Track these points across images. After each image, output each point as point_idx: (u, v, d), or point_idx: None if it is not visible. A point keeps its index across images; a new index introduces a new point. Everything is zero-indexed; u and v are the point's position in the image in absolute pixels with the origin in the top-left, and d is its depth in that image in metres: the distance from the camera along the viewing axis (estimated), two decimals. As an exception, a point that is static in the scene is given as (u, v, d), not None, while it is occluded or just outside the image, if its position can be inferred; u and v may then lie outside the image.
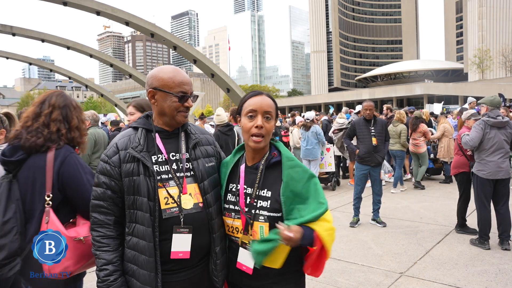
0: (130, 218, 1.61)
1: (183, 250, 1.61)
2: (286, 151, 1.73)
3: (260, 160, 1.71)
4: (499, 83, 48.61)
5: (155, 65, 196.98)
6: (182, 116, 1.69)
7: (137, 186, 1.58)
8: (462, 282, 3.87)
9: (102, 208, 1.63)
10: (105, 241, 1.61)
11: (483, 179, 4.82)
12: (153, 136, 1.68)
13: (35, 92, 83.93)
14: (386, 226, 5.87)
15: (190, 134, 1.76)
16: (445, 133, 8.81)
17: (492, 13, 75.69)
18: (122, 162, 1.61)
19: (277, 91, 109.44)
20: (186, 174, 1.67)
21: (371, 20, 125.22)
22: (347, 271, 4.25)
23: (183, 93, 1.67)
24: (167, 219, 1.59)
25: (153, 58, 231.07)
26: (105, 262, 1.59)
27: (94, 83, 57.51)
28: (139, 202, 1.58)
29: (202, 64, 36.61)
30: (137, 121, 1.74)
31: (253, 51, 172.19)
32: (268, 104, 1.67)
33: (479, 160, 4.88)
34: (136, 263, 1.59)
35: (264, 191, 1.66)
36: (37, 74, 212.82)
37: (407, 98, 62.35)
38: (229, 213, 1.71)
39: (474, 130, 4.88)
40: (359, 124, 6.01)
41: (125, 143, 1.65)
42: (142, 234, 1.57)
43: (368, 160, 5.87)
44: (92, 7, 30.57)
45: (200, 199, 1.67)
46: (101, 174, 1.64)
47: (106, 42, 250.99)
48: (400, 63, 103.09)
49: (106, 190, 1.62)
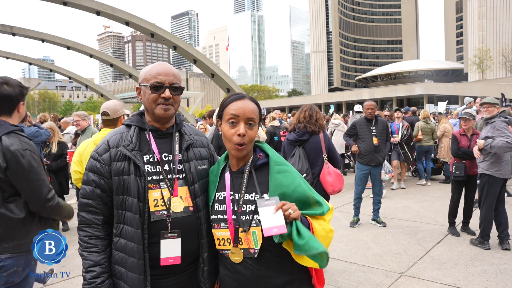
0: (118, 218, 1.56)
1: (173, 256, 1.55)
2: (274, 154, 1.60)
3: (245, 164, 1.60)
4: (499, 83, 48.59)
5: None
6: (161, 109, 1.58)
7: (127, 185, 1.53)
8: (462, 282, 3.87)
9: (91, 207, 1.56)
10: (93, 241, 1.55)
11: (498, 179, 4.73)
12: (146, 135, 1.62)
13: (35, 92, 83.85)
14: (386, 226, 5.87)
15: (184, 135, 1.70)
16: (445, 133, 8.82)
17: (492, 13, 75.68)
18: (113, 160, 1.56)
19: (277, 91, 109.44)
20: (177, 176, 1.61)
21: (371, 20, 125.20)
22: (347, 271, 4.25)
23: (158, 83, 1.58)
24: (155, 222, 1.54)
25: (153, 58, 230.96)
26: (92, 263, 1.53)
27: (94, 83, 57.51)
28: (128, 203, 1.53)
29: (202, 64, 36.62)
30: (131, 118, 1.70)
31: (253, 51, 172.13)
32: (251, 109, 1.55)
33: (494, 160, 4.69)
34: (124, 266, 1.53)
35: (252, 195, 1.53)
36: (37, 74, 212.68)
37: (407, 98, 62.35)
38: (218, 224, 1.57)
39: (506, 129, 4.63)
40: (360, 124, 5.99)
41: (117, 141, 1.59)
42: (131, 236, 1.52)
43: (368, 160, 5.86)
44: (92, 7, 30.58)
45: (191, 202, 1.61)
46: (91, 171, 1.58)
47: (106, 42, 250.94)
48: (400, 63, 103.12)
49: (95, 188, 1.56)
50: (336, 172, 4.09)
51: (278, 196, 1.43)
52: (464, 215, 5.47)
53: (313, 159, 4.09)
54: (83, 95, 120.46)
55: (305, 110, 4.25)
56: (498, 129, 4.63)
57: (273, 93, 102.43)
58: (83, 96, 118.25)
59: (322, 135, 4.18)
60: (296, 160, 4.06)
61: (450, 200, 5.53)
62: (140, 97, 1.66)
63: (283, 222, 1.34)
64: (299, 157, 4.07)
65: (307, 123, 4.15)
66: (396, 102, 60.62)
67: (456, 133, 5.42)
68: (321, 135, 4.16)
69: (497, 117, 4.77)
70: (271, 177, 1.52)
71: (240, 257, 1.51)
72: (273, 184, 1.50)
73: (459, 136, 5.36)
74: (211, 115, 7.75)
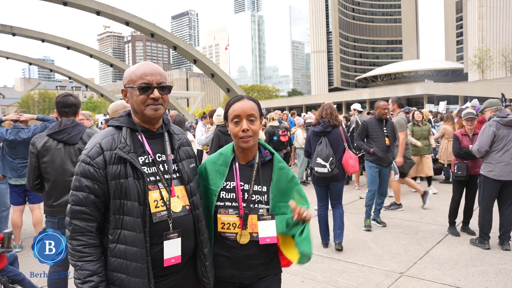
0: (116, 224, 1.50)
1: (174, 256, 1.56)
2: (276, 153, 1.89)
3: (253, 158, 1.82)
4: (499, 83, 48.61)
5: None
6: (151, 109, 1.56)
7: (124, 189, 1.49)
8: (462, 282, 3.87)
9: (84, 214, 1.50)
10: (88, 250, 1.49)
11: (492, 180, 4.72)
12: (139, 136, 1.60)
13: (35, 92, 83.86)
14: (386, 226, 5.87)
15: (174, 135, 1.70)
16: (445, 134, 8.77)
17: (492, 13, 75.70)
18: (108, 164, 1.50)
19: (277, 91, 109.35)
20: (173, 176, 1.61)
21: (371, 20, 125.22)
22: (347, 271, 4.25)
23: (146, 84, 1.54)
24: (157, 223, 1.53)
25: (153, 58, 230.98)
26: (89, 273, 1.47)
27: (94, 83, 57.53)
28: (127, 207, 1.48)
29: (202, 64, 36.64)
30: (119, 119, 1.63)
31: (253, 51, 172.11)
32: (250, 107, 1.76)
33: (489, 161, 4.74)
34: (125, 272, 1.49)
35: (260, 187, 1.77)
36: (37, 74, 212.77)
37: (407, 98, 62.29)
38: (225, 210, 1.74)
39: (481, 134, 4.76)
40: (372, 124, 5.81)
41: (110, 143, 1.53)
42: (131, 241, 1.48)
43: (381, 160, 5.74)
44: (92, 7, 30.60)
45: (187, 201, 1.62)
46: (83, 176, 1.50)
47: (106, 42, 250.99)
48: (400, 63, 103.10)
49: (89, 194, 1.50)
50: (355, 156, 4.99)
51: (274, 219, 1.75)
52: (465, 215, 5.47)
53: (335, 147, 4.88)
54: (83, 95, 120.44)
55: (326, 108, 5.04)
56: (481, 131, 4.80)
57: (273, 93, 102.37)
58: (83, 96, 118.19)
59: (341, 128, 5.03)
60: (323, 146, 4.86)
61: (451, 200, 5.53)
62: (126, 99, 1.62)
63: (275, 234, 1.73)
64: (325, 144, 4.87)
65: (330, 119, 4.93)
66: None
67: (457, 133, 5.41)
68: (340, 128, 5.01)
69: (490, 120, 4.83)
70: (275, 172, 1.81)
71: (247, 239, 1.74)
72: (276, 179, 1.80)
73: (460, 136, 5.36)
74: (211, 115, 7.77)
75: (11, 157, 5.11)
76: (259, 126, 1.79)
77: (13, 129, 4.99)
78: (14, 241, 5.10)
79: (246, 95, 1.83)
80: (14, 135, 4.95)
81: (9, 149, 5.13)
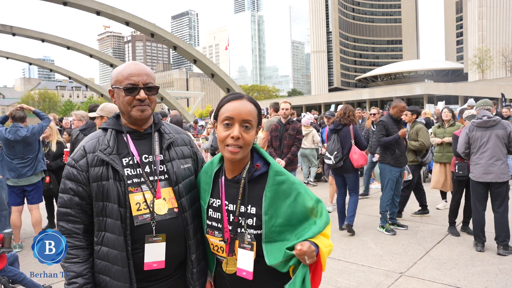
0: (99, 226, 1.49)
1: (157, 260, 1.50)
2: (274, 163, 1.51)
3: (241, 172, 1.51)
4: (499, 83, 48.63)
5: (155, 65, 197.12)
6: (137, 110, 1.52)
7: (106, 191, 1.47)
8: (462, 282, 3.87)
9: (70, 216, 1.50)
10: (74, 251, 1.48)
11: (474, 181, 4.78)
12: (124, 137, 1.56)
13: (35, 92, 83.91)
14: (407, 228, 5.75)
15: (164, 134, 1.63)
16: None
17: (492, 13, 75.72)
18: (90, 166, 1.49)
19: (277, 91, 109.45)
20: (160, 177, 1.55)
21: (371, 20, 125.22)
22: (347, 271, 4.25)
23: (132, 85, 1.51)
24: (138, 227, 1.47)
25: (153, 58, 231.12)
26: (74, 274, 1.47)
27: (94, 83, 57.54)
28: (108, 209, 1.46)
29: (202, 64, 36.66)
30: (107, 121, 1.63)
31: (253, 51, 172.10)
32: (248, 111, 1.46)
33: (471, 162, 4.84)
34: (108, 274, 1.47)
35: (248, 208, 1.48)
36: (37, 74, 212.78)
37: (407, 98, 62.27)
38: (212, 231, 1.54)
39: (460, 136, 4.92)
40: (390, 124, 5.58)
41: (93, 146, 1.52)
42: (112, 243, 1.46)
43: (402, 162, 5.59)
44: (92, 7, 30.61)
45: (175, 203, 1.55)
46: (68, 179, 1.51)
47: (106, 42, 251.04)
48: (400, 63, 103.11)
49: (73, 196, 1.49)
50: (360, 152, 5.52)
51: (253, 251, 1.44)
52: (464, 215, 5.47)
53: (344, 143, 5.55)
54: (83, 95, 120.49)
55: (342, 109, 5.77)
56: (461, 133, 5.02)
57: (273, 93, 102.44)
58: (83, 96, 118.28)
59: (352, 127, 5.61)
60: (331, 142, 5.66)
61: (451, 200, 5.53)
62: (114, 99, 1.60)
63: (251, 269, 1.44)
64: (333, 140, 5.63)
65: (341, 118, 5.64)
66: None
67: (458, 133, 5.41)
68: (350, 126, 5.61)
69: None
70: (269, 189, 1.46)
71: (234, 268, 1.49)
72: (271, 196, 1.45)
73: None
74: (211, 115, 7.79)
75: (10, 157, 5.10)
76: (254, 136, 1.48)
77: (12, 128, 5.03)
78: (14, 241, 5.10)
79: (247, 95, 1.54)
80: (13, 134, 4.99)
81: (7, 149, 5.11)
